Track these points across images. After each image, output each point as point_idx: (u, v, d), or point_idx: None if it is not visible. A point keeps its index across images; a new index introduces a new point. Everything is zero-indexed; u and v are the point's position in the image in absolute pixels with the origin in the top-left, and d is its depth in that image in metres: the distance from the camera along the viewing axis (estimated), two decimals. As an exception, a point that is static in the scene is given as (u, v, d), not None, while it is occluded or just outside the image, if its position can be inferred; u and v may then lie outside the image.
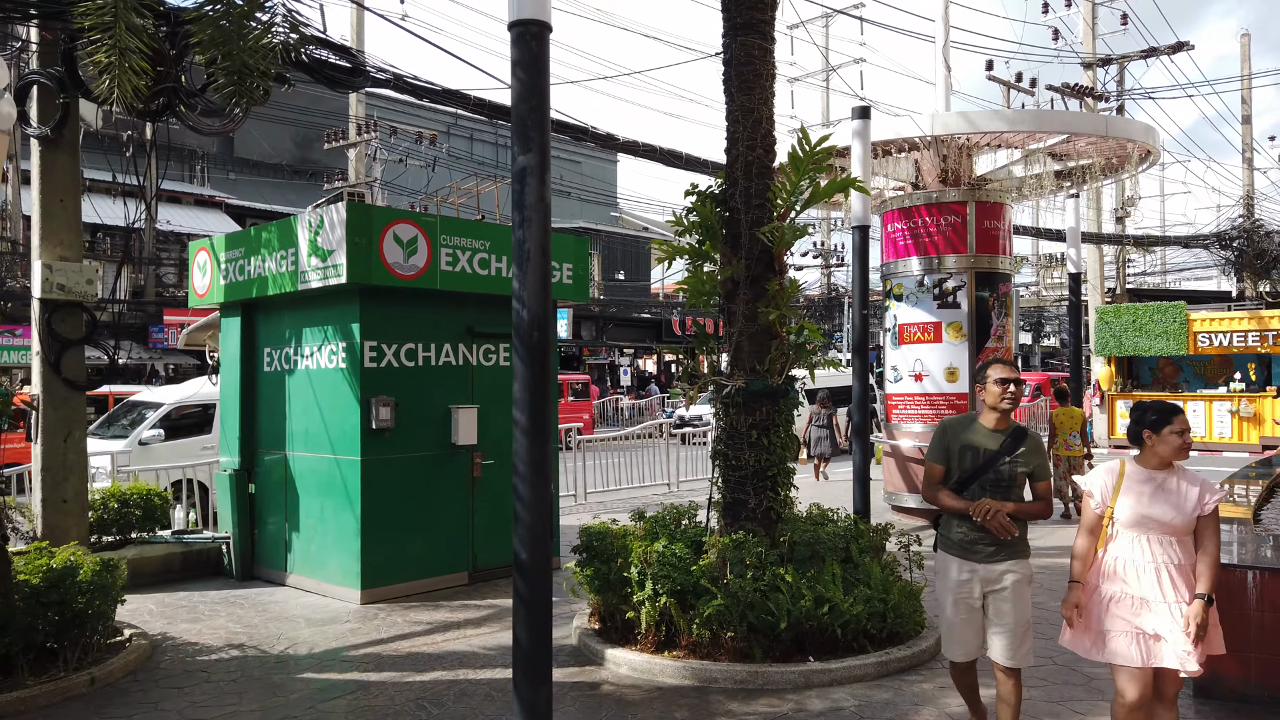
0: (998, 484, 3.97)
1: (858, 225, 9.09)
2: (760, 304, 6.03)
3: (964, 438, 4.08)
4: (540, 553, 3.80)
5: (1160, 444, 3.62)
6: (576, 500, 13.62)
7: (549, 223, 3.90)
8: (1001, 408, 4.00)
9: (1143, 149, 10.50)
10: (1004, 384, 4.00)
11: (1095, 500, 3.75)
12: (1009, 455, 3.96)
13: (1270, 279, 21.81)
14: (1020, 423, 4.08)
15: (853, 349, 9.23)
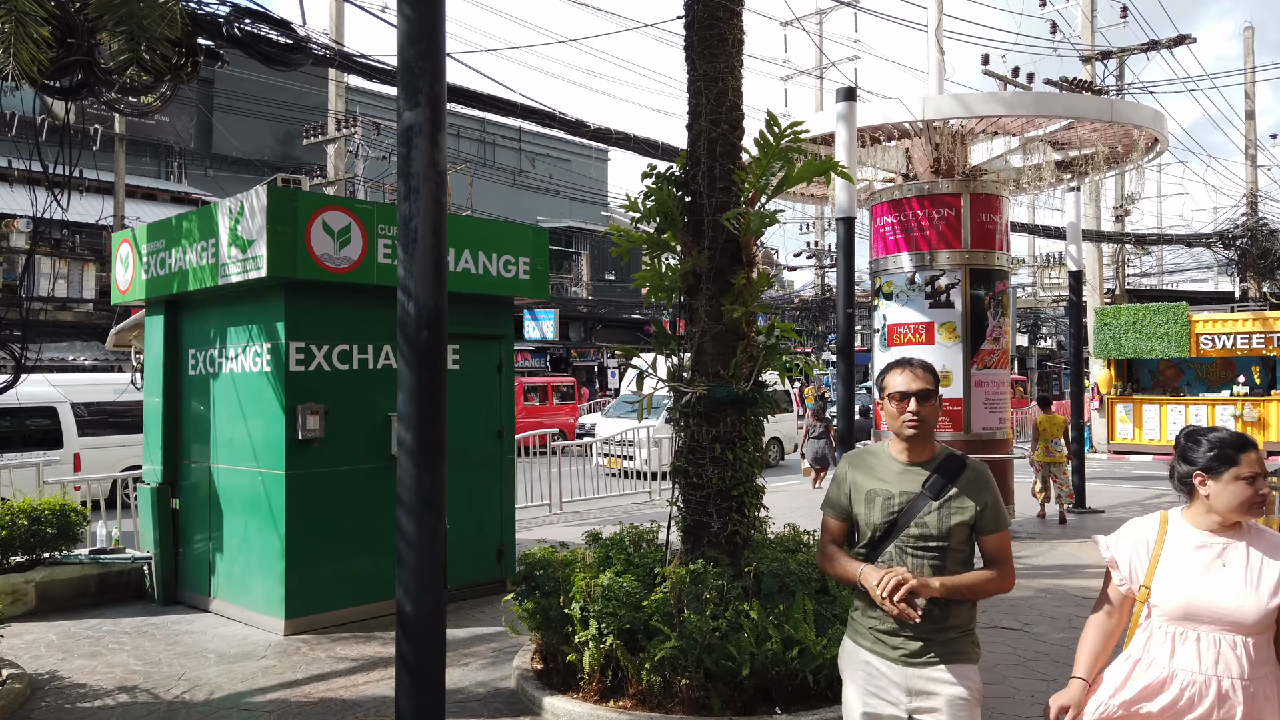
0: (923, 544, 2.67)
1: (842, 217, 8.38)
2: (725, 300, 5.30)
3: (869, 478, 2.79)
4: (429, 604, 3.07)
5: (1221, 495, 2.45)
6: (551, 510, 12.90)
7: (443, 195, 3.17)
8: (904, 434, 2.73)
9: (1149, 136, 9.80)
10: (904, 399, 2.70)
11: (1121, 574, 2.60)
12: (937, 499, 2.68)
13: (1274, 279, 21.13)
14: (952, 450, 2.82)
15: (837, 351, 8.52)
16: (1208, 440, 2.51)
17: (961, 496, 2.69)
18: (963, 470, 2.72)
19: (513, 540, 7.81)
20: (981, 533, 2.71)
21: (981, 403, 10.05)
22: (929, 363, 2.82)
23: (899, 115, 8.80)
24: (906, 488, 2.72)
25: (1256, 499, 2.44)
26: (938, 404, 2.74)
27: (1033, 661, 5.79)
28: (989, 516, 2.70)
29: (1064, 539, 10.14)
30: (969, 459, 2.80)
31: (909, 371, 2.75)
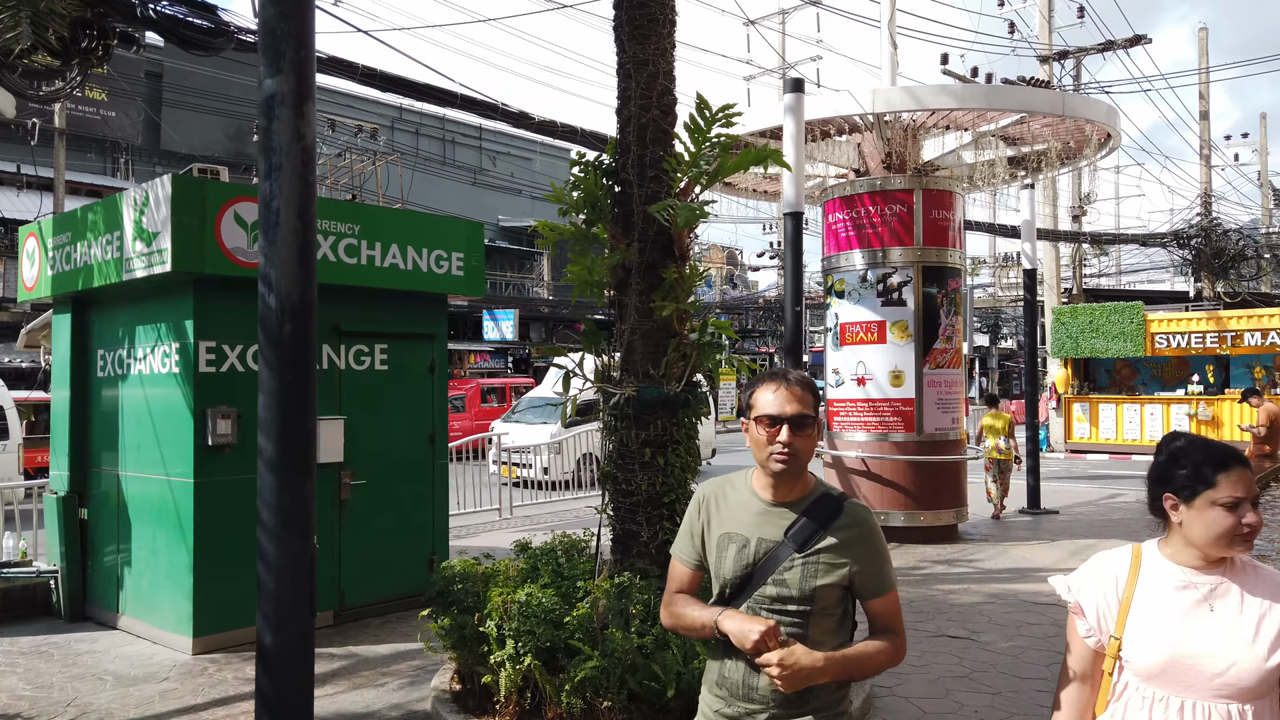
0: (780, 606, 2.12)
1: (790, 212, 8.11)
2: (655, 296, 5.00)
3: (725, 518, 2.24)
4: (292, 635, 2.73)
5: (1194, 524, 1.96)
6: (501, 515, 12.54)
7: (311, 174, 2.83)
8: (770, 468, 2.14)
9: (1102, 132, 9.66)
10: (774, 425, 2.13)
11: (1087, 623, 2.07)
12: (801, 550, 2.12)
13: (1228, 279, 21.29)
14: (830, 488, 2.24)
15: (785, 351, 8.26)
16: (1182, 453, 1.99)
17: (834, 550, 2.12)
18: (838, 515, 2.14)
19: (446, 549, 7.45)
20: (864, 596, 2.16)
21: (934, 403, 9.85)
22: (810, 379, 2.22)
23: (849, 108, 8.57)
24: (766, 534, 2.16)
25: (1240, 531, 1.90)
26: (815, 433, 2.16)
27: (978, 673, 5.55)
28: (870, 576, 2.13)
29: (1016, 541, 9.98)
30: (849, 502, 2.20)
31: (784, 390, 2.15)
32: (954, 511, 10.01)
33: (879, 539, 2.20)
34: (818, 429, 2.19)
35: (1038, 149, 10.03)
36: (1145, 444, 20.92)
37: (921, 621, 6.69)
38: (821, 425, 2.24)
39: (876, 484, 9.90)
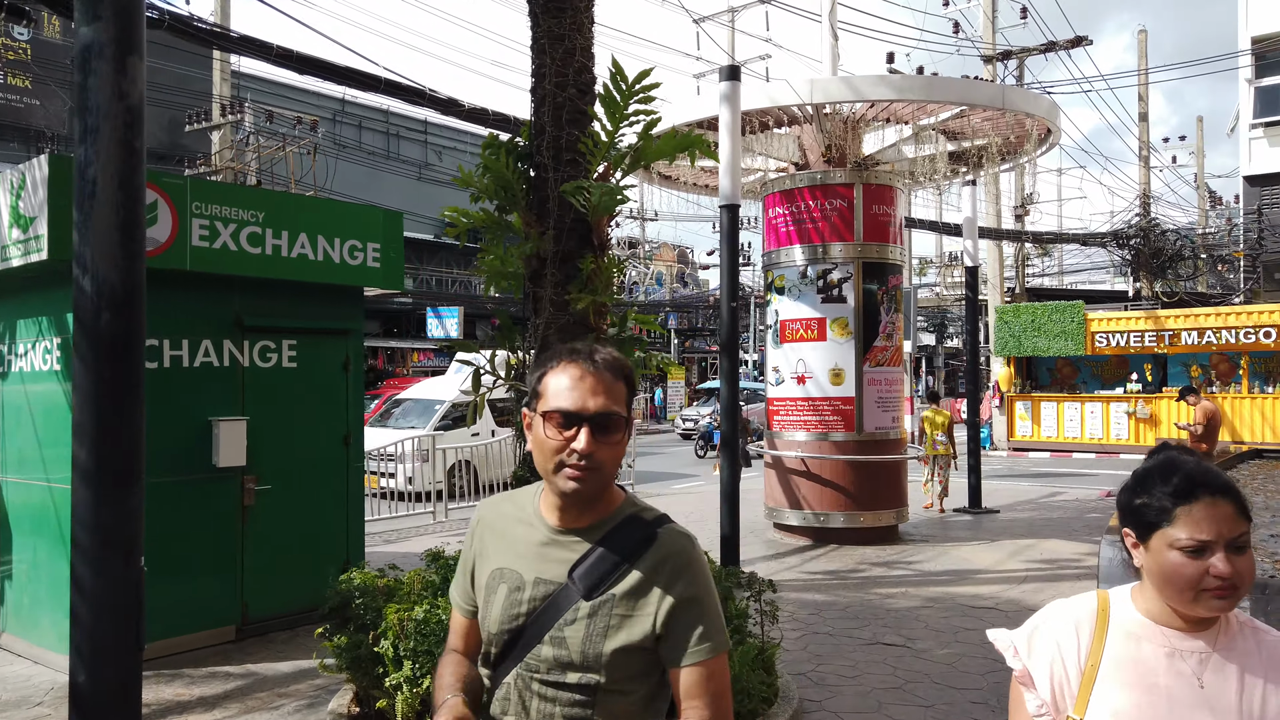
0: (559, 675, 1.56)
1: (726, 204, 7.84)
2: (571, 287, 4.68)
3: (500, 547, 1.67)
4: (113, 675, 2.35)
5: (1152, 570, 1.54)
6: (435, 519, 12.12)
7: (136, 138, 2.46)
8: (560, 487, 1.55)
9: (1042, 126, 9.55)
10: (569, 425, 1.54)
11: (1038, 698, 1.59)
12: (590, 596, 1.57)
13: (1166, 278, 21.61)
14: (641, 509, 1.66)
15: (721, 348, 7.99)
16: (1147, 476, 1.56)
17: (635, 596, 1.53)
18: (647, 546, 1.56)
19: (361, 556, 7.04)
20: (670, 660, 1.54)
21: (874, 401, 9.67)
22: (622, 361, 1.62)
23: (786, 98, 8.33)
24: (546, 572, 1.58)
25: (1209, 587, 1.44)
26: (625, 437, 1.58)
27: (912, 684, 5.32)
28: (680, 633, 1.52)
29: (956, 542, 9.84)
30: (666, 528, 1.60)
31: (588, 376, 1.54)
32: (894, 512, 9.85)
33: (703, 581, 1.57)
34: (629, 431, 1.60)
35: (979, 144, 9.91)
36: (1086, 442, 21.15)
37: (857, 629, 6.46)
38: (632, 425, 1.62)
39: (816, 484, 9.69)
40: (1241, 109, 21.94)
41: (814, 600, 7.30)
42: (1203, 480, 1.50)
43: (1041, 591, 7.41)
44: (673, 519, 1.68)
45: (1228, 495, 1.48)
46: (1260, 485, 9.91)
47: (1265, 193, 21.27)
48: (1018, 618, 6.66)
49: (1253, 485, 10.22)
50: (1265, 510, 8.04)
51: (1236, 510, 1.48)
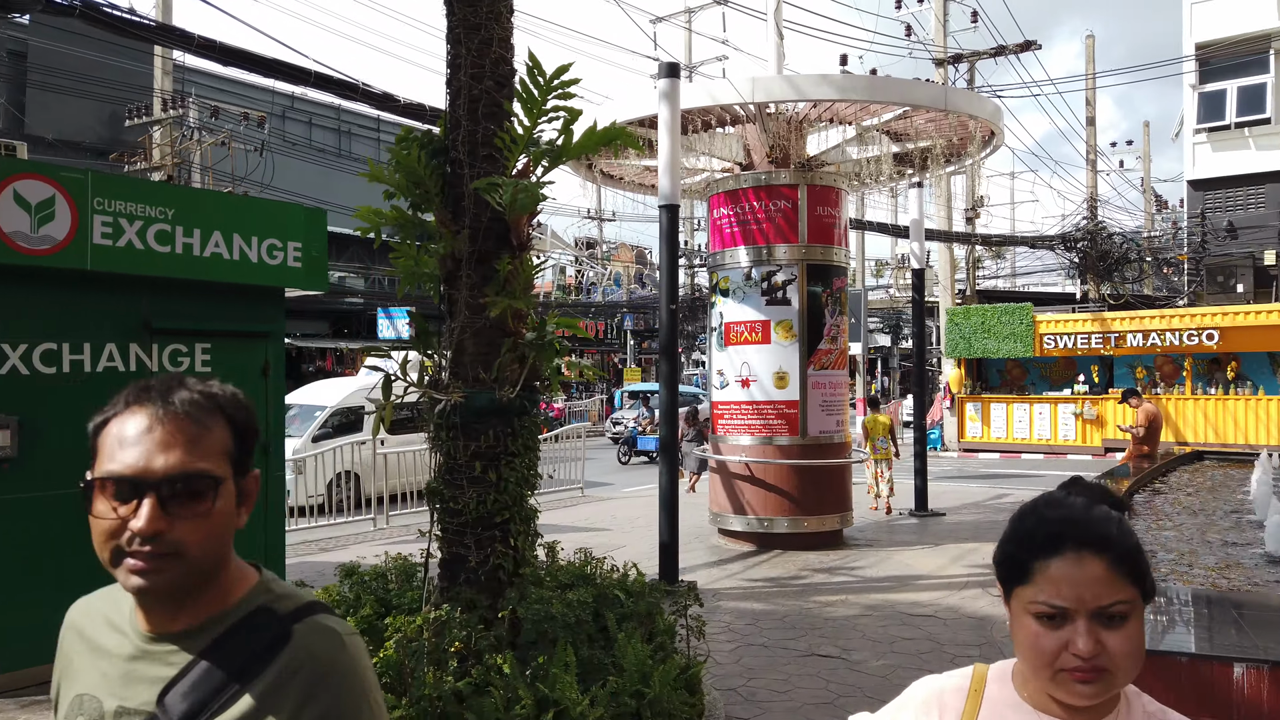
0: None
1: (665, 204, 7.67)
2: (488, 289, 4.46)
3: (85, 666, 1.21)
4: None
5: (1013, 632, 1.24)
6: (375, 525, 11.82)
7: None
8: (125, 583, 1.12)
9: (986, 129, 9.52)
10: (124, 494, 1.09)
11: None
12: None
13: (1112, 281, 21.90)
14: (287, 592, 1.23)
15: (660, 351, 7.82)
16: (1019, 520, 1.28)
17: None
18: (275, 653, 1.14)
19: (282, 568, 6.76)
20: None
21: (819, 404, 9.56)
22: (218, 394, 1.19)
23: (727, 96, 8.18)
24: (131, 698, 1.16)
25: (1068, 666, 1.14)
26: (224, 507, 1.14)
27: (845, 698, 5.17)
28: None
29: (900, 546, 9.77)
30: (302, 626, 1.17)
31: (159, 426, 1.11)
32: (839, 516, 9.75)
33: (350, 698, 1.14)
34: (240, 497, 1.18)
35: (923, 146, 9.85)
36: (1034, 443, 21.35)
37: (793, 639, 6.31)
38: (235, 492, 1.17)
39: (760, 489, 9.55)
40: (1186, 114, 22.32)
41: (752, 609, 7.14)
42: (1072, 528, 1.17)
43: (980, 598, 7.34)
44: (325, 607, 1.22)
45: (1102, 550, 1.14)
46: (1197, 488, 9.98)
47: (1209, 196, 21.65)
48: (955, 626, 6.56)
49: (1190, 487, 10.29)
50: (1199, 512, 8.06)
51: (1112, 569, 1.14)
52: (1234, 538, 7.06)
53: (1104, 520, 1.18)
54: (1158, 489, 9.81)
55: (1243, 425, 19.10)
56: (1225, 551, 6.62)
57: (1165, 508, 8.61)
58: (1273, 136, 20.94)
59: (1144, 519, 7.80)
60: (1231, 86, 21.30)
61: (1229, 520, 7.85)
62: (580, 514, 12.55)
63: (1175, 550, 6.61)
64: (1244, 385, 19.45)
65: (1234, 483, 10.33)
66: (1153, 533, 7.29)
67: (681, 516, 11.91)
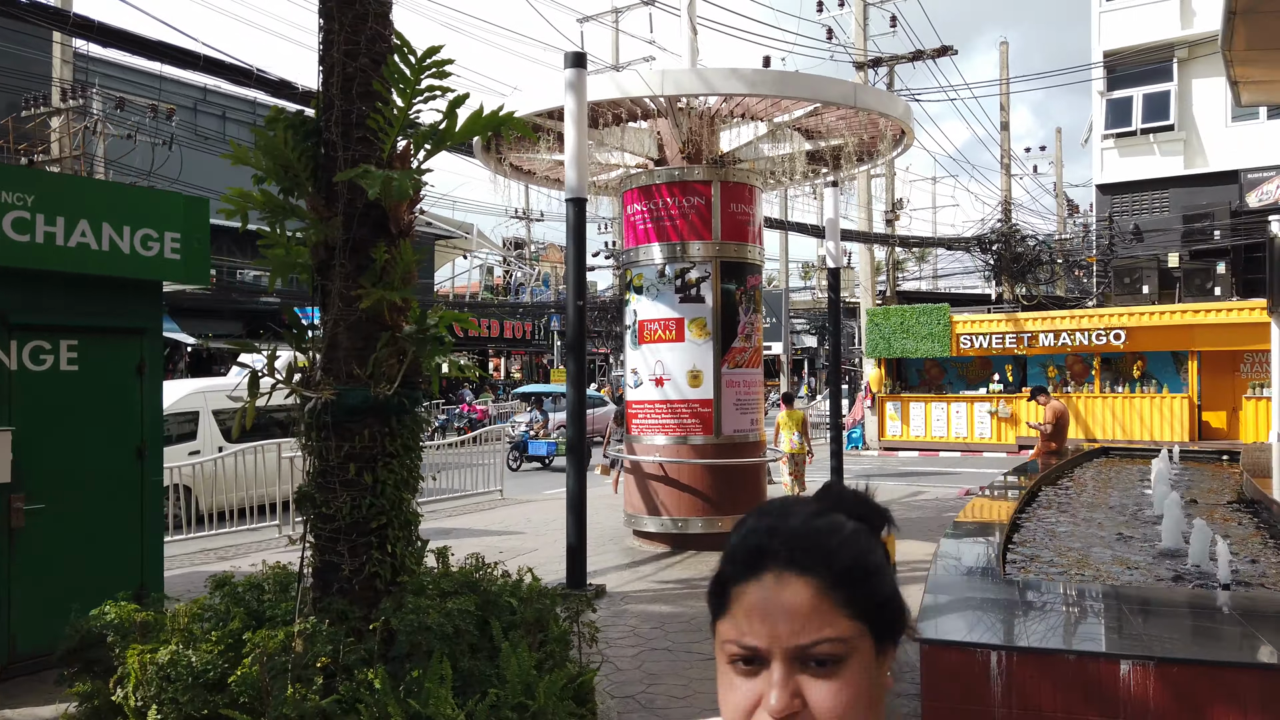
0: None
1: (572, 198, 7.47)
2: (363, 280, 4.19)
3: None
4: None
5: (718, 676, 0.89)
6: (281, 531, 11.32)
7: None
8: None
9: (896, 128, 9.55)
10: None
11: None
12: None
13: (1026, 282, 22.45)
14: None
15: (568, 349, 7.61)
16: (734, 532, 0.95)
17: None
18: None
19: (160, 580, 6.34)
20: None
21: (733, 403, 9.46)
22: None
23: (636, 88, 8.01)
24: None
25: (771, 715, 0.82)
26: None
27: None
28: None
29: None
30: None
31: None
32: (754, 516, 9.68)
33: None
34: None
35: (834, 144, 9.84)
36: (952, 441, 21.73)
37: (699, 642, 6.16)
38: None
39: (675, 489, 9.41)
40: (1095, 121, 22.99)
41: (660, 612, 6.98)
42: (775, 541, 0.87)
43: (890, 596, 7.31)
44: None
45: (808, 569, 0.84)
46: (1100, 484, 10.17)
47: (1116, 201, 22.33)
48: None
49: (1095, 483, 10.49)
50: (1101, 507, 8.18)
51: (823, 596, 0.84)
52: (1132, 532, 7.16)
53: (822, 532, 0.87)
54: (1063, 485, 9.97)
55: (1148, 422, 19.73)
56: (1122, 548, 6.70)
57: (1067, 503, 8.73)
58: (1175, 142, 21.70)
59: (1045, 515, 7.88)
60: (1137, 94, 22.01)
61: (1126, 516, 7.98)
62: (496, 517, 12.26)
63: (1071, 547, 6.66)
64: (1149, 384, 20.09)
65: (1135, 479, 10.57)
66: (1053, 528, 7.36)
67: (601, 518, 11.79)
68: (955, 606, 4.23)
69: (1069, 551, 6.48)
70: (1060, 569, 5.81)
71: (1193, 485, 10.35)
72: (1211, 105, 21.52)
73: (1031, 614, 4.08)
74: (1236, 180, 20.93)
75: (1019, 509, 7.67)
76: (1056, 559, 6.19)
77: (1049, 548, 6.59)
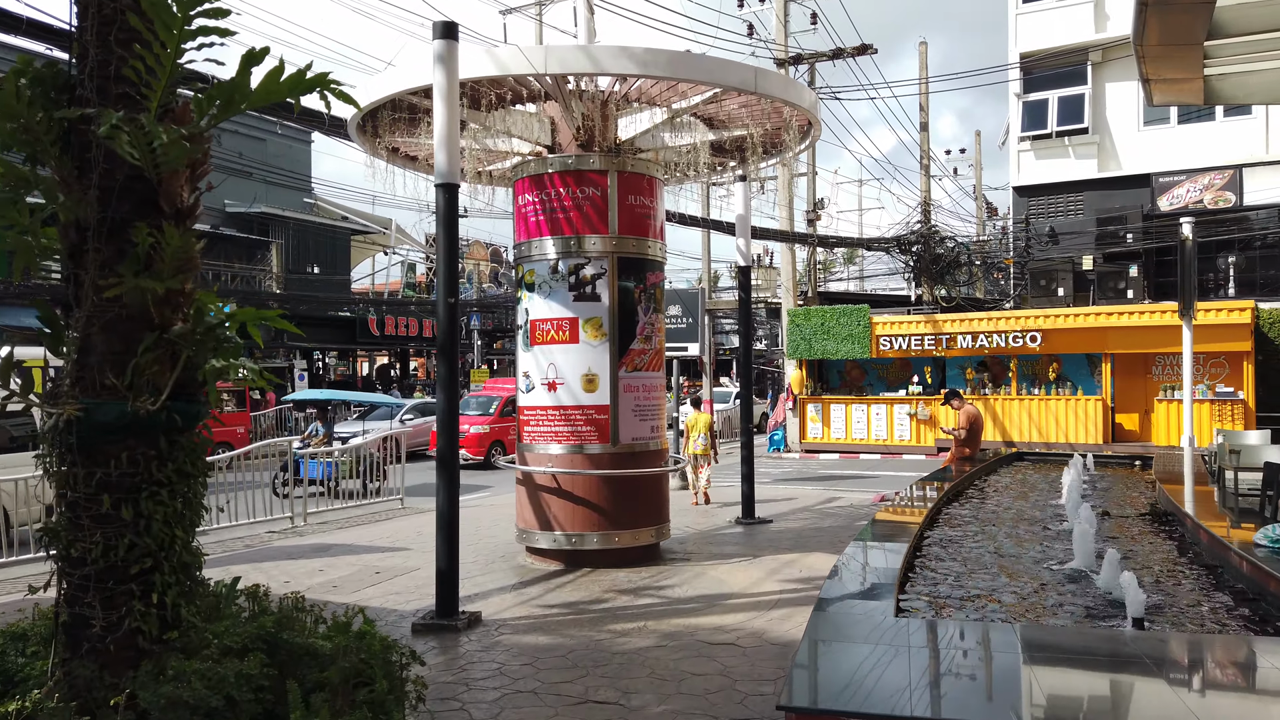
0: None
1: (443, 183, 6.73)
2: (122, 268, 3.41)
3: None
4: None
5: None
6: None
7: None
8: None
9: (803, 118, 9.03)
10: None
11: None
12: None
13: (945, 284, 22.34)
14: None
15: (438, 350, 6.87)
16: None
17: None
18: None
19: None
20: None
21: (631, 409, 8.82)
22: None
23: (517, 65, 7.30)
24: None
25: None
26: None
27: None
28: None
29: (718, 560, 9.15)
30: None
31: None
32: (654, 529, 9.03)
33: None
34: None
35: (738, 134, 9.27)
36: (872, 443, 21.49)
37: (571, 681, 5.49)
38: None
39: (569, 503, 8.72)
40: (1012, 123, 23.03)
41: (536, 645, 6.29)
42: None
43: (789, 619, 6.74)
44: None
45: None
46: (1013, 493, 9.82)
47: (1033, 203, 22.39)
48: (755, 655, 5.81)
49: (1007, 492, 10.14)
50: (1003, 521, 7.74)
51: None
52: (1041, 551, 6.72)
53: None
54: (973, 495, 9.58)
55: (1063, 424, 19.74)
56: (1030, 567, 6.23)
57: (976, 517, 8.31)
58: (1089, 146, 21.84)
59: (953, 532, 7.41)
60: (1053, 97, 22.10)
61: (1036, 530, 7.56)
62: (388, 530, 11.41)
63: (978, 568, 6.17)
64: (1064, 386, 20.12)
65: (1047, 485, 10.26)
66: (959, 545, 6.88)
67: (500, 532, 11.01)
68: (834, 658, 3.63)
69: (975, 573, 5.99)
70: (961, 598, 5.30)
71: (1107, 494, 10.06)
72: (1125, 109, 21.72)
73: (916, 667, 3.50)
74: (1149, 184, 21.15)
75: (925, 524, 7.19)
76: (959, 585, 5.69)
77: (954, 570, 6.09)
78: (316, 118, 9.34)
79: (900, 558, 5.54)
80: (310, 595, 7.79)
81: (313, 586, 8.05)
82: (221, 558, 9.55)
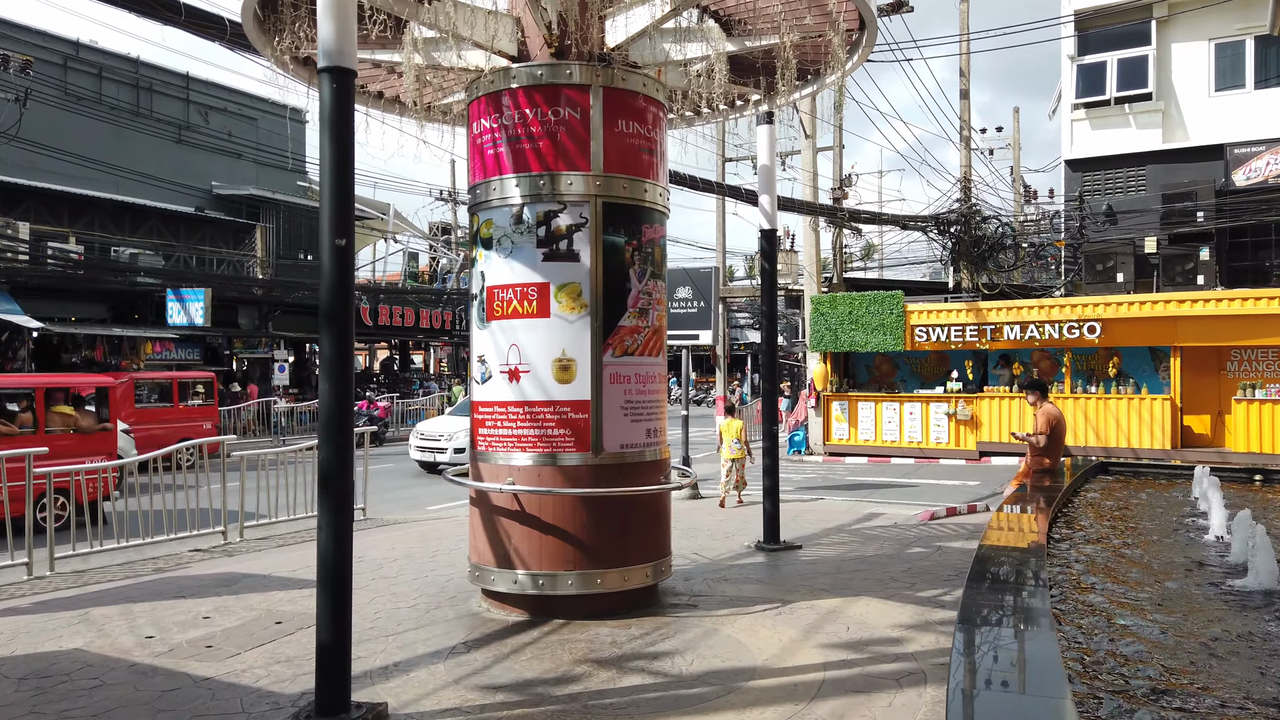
0: None
1: (328, 67, 4.53)
2: None
3: None
4: None
5: None
6: (31, 573, 8.29)
7: None
8: None
9: (852, 16, 6.80)
10: None
11: None
12: None
13: (987, 268, 20.00)
14: None
15: (321, 318, 4.66)
16: None
17: None
18: None
19: None
20: None
21: (619, 407, 6.59)
22: None
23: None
24: None
25: None
26: None
27: None
28: None
29: (735, 608, 6.90)
30: None
31: None
32: (649, 568, 6.79)
33: None
34: None
35: (765, 44, 7.00)
36: (905, 445, 19.22)
37: None
38: None
39: (536, 532, 6.50)
40: (1064, 89, 20.64)
41: (453, 771, 4.07)
42: None
43: (847, 718, 4.50)
44: None
45: None
46: (1125, 519, 7.46)
47: (1087, 178, 20.01)
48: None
49: (1115, 518, 7.83)
50: (1136, 545, 5.42)
51: None
52: (1207, 590, 4.45)
53: None
54: (1083, 523, 7.30)
55: (1125, 427, 17.38)
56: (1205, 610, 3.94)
57: (1106, 561, 6.02)
58: (1153, 114, 19.45)
59: (1078, 569, 5.09)
60: (1111, 59, 19.70)
61: (1190, 565, 5.29)
62: (326, 553, 9.19)
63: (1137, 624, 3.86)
64: (1126, 383, 17.77)
65: (1168, 509, 7.96)
66: (1102, 605, 4.57)
67: (457, 559, 8.76)
68: None
69: (1139, 625, 3.74)
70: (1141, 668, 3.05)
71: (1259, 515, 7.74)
72: (1193, 72, 19.29)
73: None
74: (1222, 155, 18.73)
75: (1042, 572, 4.90)
76: (1127, 647, 3.44)
77: (1109, 627, 3.85)
78: (215, 22, 7.11)
79: (1043, 620, 3.31)
80: (166, 664, 5.57)
81: (178, 647, 5.87)
82: (93, 594, 7.41)
